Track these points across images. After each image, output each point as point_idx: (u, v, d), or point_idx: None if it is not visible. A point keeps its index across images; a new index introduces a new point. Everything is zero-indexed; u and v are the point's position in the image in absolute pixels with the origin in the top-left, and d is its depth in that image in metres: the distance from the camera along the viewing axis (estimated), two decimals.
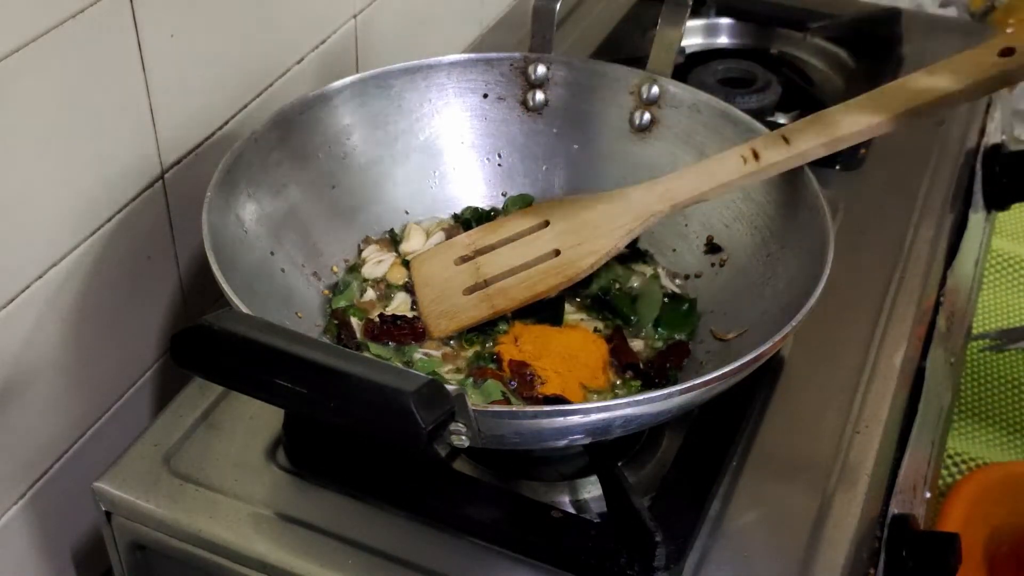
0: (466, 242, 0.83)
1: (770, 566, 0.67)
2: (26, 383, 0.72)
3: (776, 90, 1.06)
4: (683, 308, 0.80)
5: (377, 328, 0.78)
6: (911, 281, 0.88)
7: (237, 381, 0.56)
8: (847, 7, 1.20)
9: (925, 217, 0.95)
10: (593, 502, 0.71)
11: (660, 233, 0.84)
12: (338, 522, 0.69)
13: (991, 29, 1.27)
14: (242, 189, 0.76)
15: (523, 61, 0.87)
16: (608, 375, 0.76)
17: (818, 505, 0.71)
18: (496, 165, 0.89)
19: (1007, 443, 1.43)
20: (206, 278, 0.69)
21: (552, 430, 0.62)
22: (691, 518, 0.68)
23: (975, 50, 0.73)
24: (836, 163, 0.98)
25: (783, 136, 0.76)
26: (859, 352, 0.82)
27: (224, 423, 0.76)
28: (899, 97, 0.74)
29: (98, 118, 0.72)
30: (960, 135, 1.06)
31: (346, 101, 0.84)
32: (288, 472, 0.72)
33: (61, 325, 0.74)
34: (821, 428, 0.76)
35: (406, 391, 0.51)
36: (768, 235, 0.78)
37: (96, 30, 0.69)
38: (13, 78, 0.64)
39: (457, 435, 0.57)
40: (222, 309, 0.59)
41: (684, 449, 0.72)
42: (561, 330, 0.78)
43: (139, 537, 0.71)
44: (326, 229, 0.82)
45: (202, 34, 0.78)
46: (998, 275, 1.55)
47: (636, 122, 0.86)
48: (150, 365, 0.84)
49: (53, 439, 0.76)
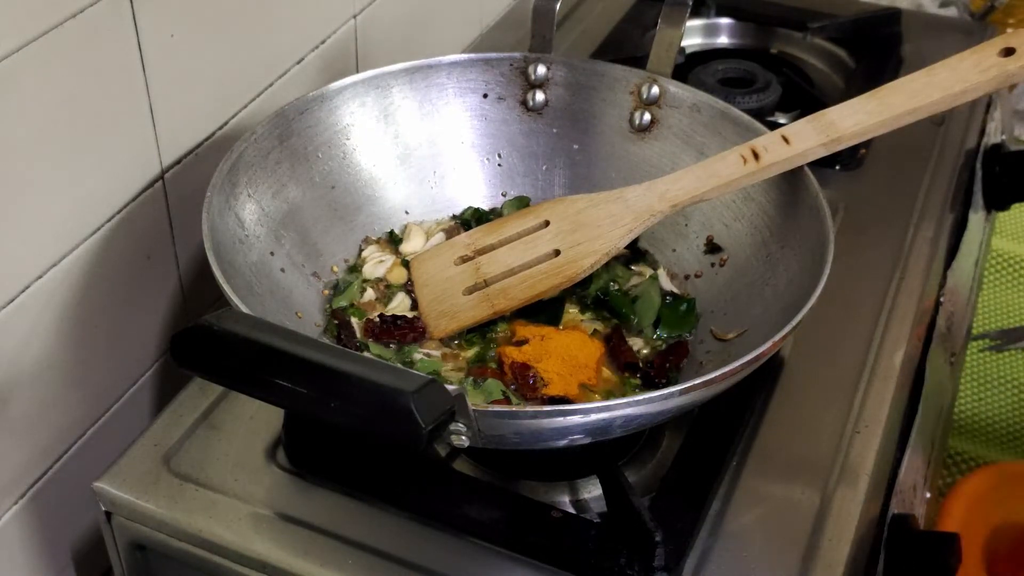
0: (466, 242, 0.83)
1: (770, 566, 0.67)
2: (26, 383, 0.72)
3: (776, 90, 1.06)
4: (682, 308, 0.80)
5: (377, 328, 0.78)
6: (911, 281, 0.88)
7: (237, 381, 0.56)
8: (847, 7, 1.20)
9: (925, 217, 0.95)
10: (593, 502, 0.71)
11: (660, 233, 0.84)
12: (338, 522, 0.69)
13: (991, 29, 1.27)
14: (242, 189, 0.77)
15: (523, 61, 0.87)
16: (604, 374, 0.76)
17: (818, 505, 0.71)
18: (496, 165, 0.89)
19: (1007, 443, 1.43)
20: (206, 278, 0.69)
21: (552, 430, 0.62)
22: (691, 518, 0.68)
23: (975, 50, 0.73)
24: (836, 163, 0.98)
25: (783, 136, 0.76)
26: (859, 352, 0.82)
27: (224, 423, 0.76)
28: (899, 97, 0.74)
29: (98, 118, 0.72)
30: (960, 135, 1.06)
31: (346, 101, 0.84)
32: (288, 472, 0.72)
33: (61, 325, 0.74)
34: (821, 428, 0.76)
35: (406, 391, 0.51)
36: (768, 235, 0.78)
37: (96, 30, 0.69)
38: (13, 78, 0.64)
39: (457, 435, 0.57)
40: (222, 309, 0.59)
41: (684, 449, 0.72)
42: (559, 331, 0.78)
43: (139, 537, 0.71)
44: (326, 229, 0.82)
45: (202, 34, 0.78)
46: (998, 275, 1.55)
47: (636, 122, 0.86)
48: (150, 365, 0.84)
49: (53, 439, 0.76)
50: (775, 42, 1.20)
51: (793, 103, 1.08)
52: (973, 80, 0.72)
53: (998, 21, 1.59)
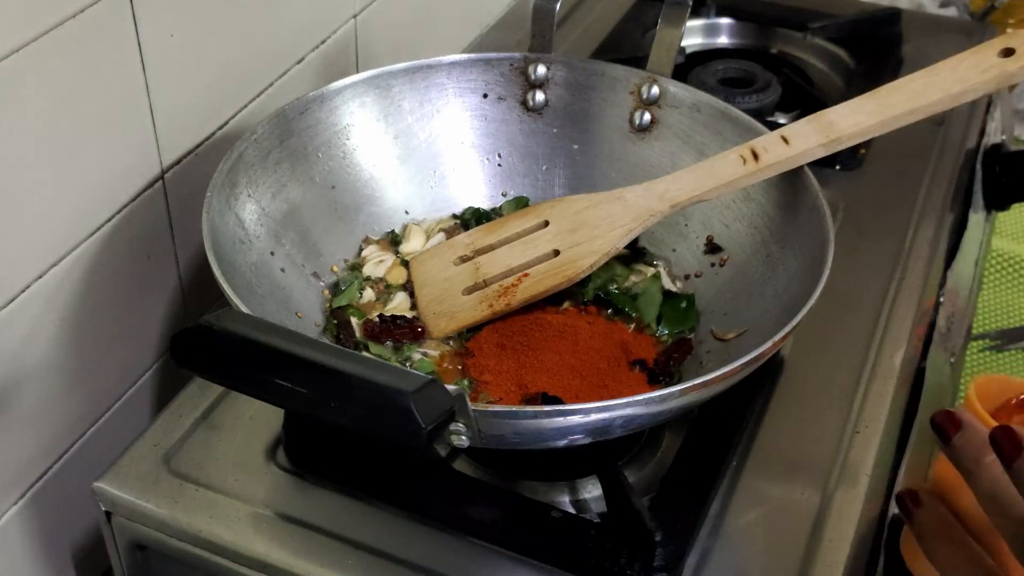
0: (466, 242, 0.83)
1: (770, 566, 0.67)
2: (26, 383, 0.72)
3: (776, 90, 1.06)
4: (683, 304, 0.80)
5: (376, 328, 0.78)
6: (911, 281, 0.88)
7: (237, 381, 0.56)
8: (847, 7, 1.20)
9: (925, 217, 0.95)
10: (593, 502, 0.71)
11: (660, 233, 0.84)
12: (338, 522, 0.69)
13: (991, 29, 1.27)
14: (242, 189, 0.77)
15: (523, 61, 0.87)
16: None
17: (818, 505, 0.71)
18: (496, 165, 0.89)
19: None
20: (206, 278, 0.69)
21: (552, 430, 0.62)
22: (691, 518, 0.68)
23: (975, 50, 0.73)
24: (836, 163, 0.98)
25: (783, 136, 0.76)
26: (859, 352, 0.82)
27: (224, 423, 0.76)
28: (899, 97, 0.74)
29: (98, 118, 0.72)
30: (960, 135, 1.06)
31: (346, 101, 0.84)
32: (288, 472, 0.72)
33: (61, 325, 0.74)
34: (821, 428, 0.76)
35: (406, 391, 0.51)
36: (768, 235, 0.78)
37: (96, 30, 0.69)
38: (13, 78, 0.64)
39: (457, 435, 0.57)
40: (222, 309, 0.59)
41: (684, 449, 0.72)
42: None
43: (139, 537, 0.71)
44: (326, 229, 0.82)
45: (202, 34, 0.78)
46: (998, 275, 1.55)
47: (636, 122, 0.86)
48: (150, 365, 0.84)
49: (53, 439, 0.76)
50: (775, 42, 1.20)
51: (793, 103, 1.08)
52: (973, 80, 0.72)
53: (998, 21, 1.58)
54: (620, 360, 0.75)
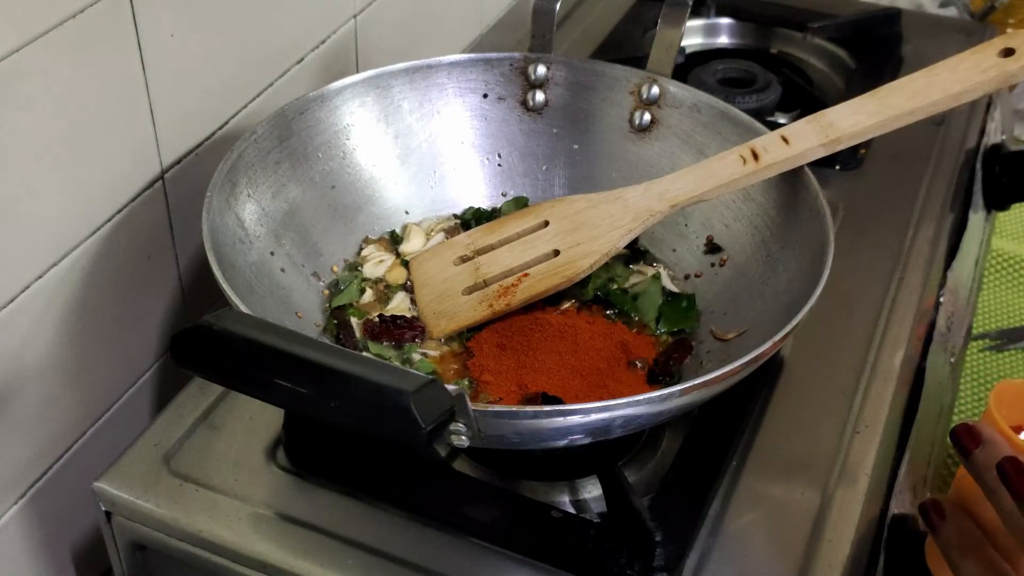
0: (466, 242, 0.83)
1: (770, 566, 0.67)
2: (26, 383, 0.72)
3: (776, 90, 1.06)
4: (683, 304, 0.80)
5: (376, 328, 0.78)
6: (911, 281, 0.88)
7: (237, 381, 0.56)
8: (847, 7, 1.20)
9: (925, 217, 0.95)
10: (593, 502, 0.71)
11: (660, 233, 0.84)
12: (338, 522, 0.69)
13: (991, 29, 1.27)
14: (242, 189, 0.77)
15: (523, 61, 0.87)
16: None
17: (818, 505, 0.71)
18: (496, 165, 0.89)
19: None
20: (206, 278, 0.69)
21: (552, 430, 0.62)
22: (691, 518, 0.68)
23: (975, 50, 0.73)
24: (836, 163, 0.98)
25: (783, 136, 0.76)
26: (859, 352, 0.82)
27: (224, 423, 0.76)
28: (899, 97, 0.74)
29: (98, 118, 0.72)
30: (960, 135, 1.06)
31: (346, 101, 0.84)
32: (288, 472, 0.72)
33: (61, 325, 0.74)
34: (821, 428, 0.76)
35: (406, 391, 0.51)
36: (768, 235, 0.78)
37: (96, 30, 0.69)
38: (13, 78, 0.64)
39: (457, 435, 0.57)
40: (222, 309, 0.59)
41: (684, 449, 0.72)
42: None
43: (139, 537, 0.71)
44: (326, 229, 0.82)
45: (202, 34, 0.78)
46: (998, 275, 1.55)
47: (636, 122, 0.86)
48: (150, 365, 0.84)
49: (53, 439, 0.76)
50: (775, 42, 1.20)
51: (793, 103, 1.08)
52: (973, 80, 0.72)
53: (998, 21, 1.58)
54: (620, 360, 0.76)
